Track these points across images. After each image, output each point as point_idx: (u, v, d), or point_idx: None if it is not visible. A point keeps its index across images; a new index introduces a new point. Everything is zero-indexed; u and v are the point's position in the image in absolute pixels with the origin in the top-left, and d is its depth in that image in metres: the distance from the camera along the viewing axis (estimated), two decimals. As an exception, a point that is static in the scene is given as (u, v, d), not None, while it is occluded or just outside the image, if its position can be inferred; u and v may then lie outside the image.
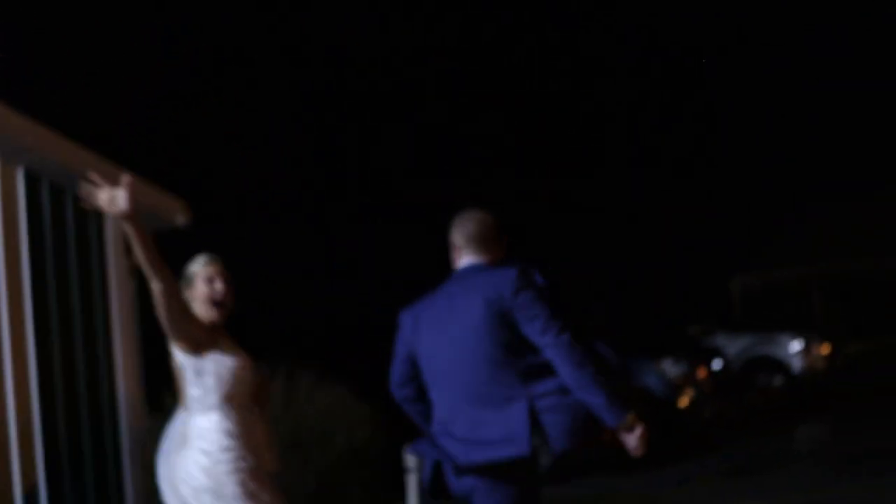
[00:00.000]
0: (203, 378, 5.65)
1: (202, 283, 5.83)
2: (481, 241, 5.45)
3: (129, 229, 5.27)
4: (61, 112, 24.73)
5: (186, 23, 27.51)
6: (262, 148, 24.53)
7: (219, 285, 5.82)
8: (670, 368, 16.28)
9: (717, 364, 18.31)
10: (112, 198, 5.21)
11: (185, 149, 23.07)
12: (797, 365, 19.27)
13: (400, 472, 9.17)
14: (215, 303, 5.81)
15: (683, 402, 16.20)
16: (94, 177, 5.30)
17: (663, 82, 33.03)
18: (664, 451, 14.08)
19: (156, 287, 5.41)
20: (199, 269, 5.86)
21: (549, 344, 5.04)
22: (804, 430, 17.41)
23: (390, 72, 28.89)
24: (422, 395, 5.53)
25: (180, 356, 5.66)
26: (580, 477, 14.00)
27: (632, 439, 5.10)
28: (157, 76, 25.65)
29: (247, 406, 5.78)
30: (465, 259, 5.45)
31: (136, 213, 5.22)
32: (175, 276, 5.63)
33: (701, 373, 17.07)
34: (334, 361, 10.25)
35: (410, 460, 8.80)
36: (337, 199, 25.02)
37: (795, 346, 19.91)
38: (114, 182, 5.26)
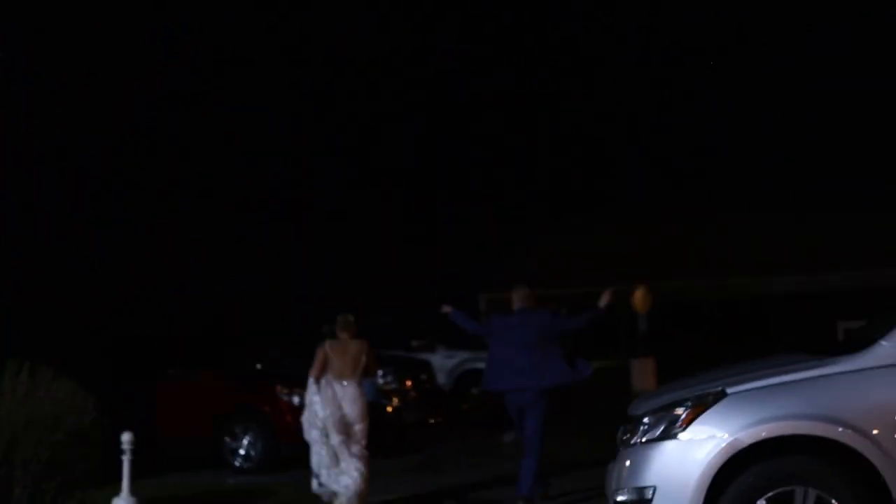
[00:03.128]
0: None
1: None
2: (528, 298, 12.50)
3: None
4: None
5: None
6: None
7: None
8: (380, 378, 18.91)
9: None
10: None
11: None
12: None
13: (118, 452, 12.18)
14: None
15: (390, 408, 18.94)
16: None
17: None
18: (372, 448, 15.88)
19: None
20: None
21: (571, 323, 12.54)
22: (501, 436, 19.13)
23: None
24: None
25: None
26: (287, 468, 15.88)
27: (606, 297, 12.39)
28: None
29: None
30: (519, 304, 12.48)
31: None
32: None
33: (407, 383, 19.96)
34: (69, 360, 12.59)
35: (126, 442, 12.17)
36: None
37: None
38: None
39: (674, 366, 13.27)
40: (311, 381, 12.78)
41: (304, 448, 15.09)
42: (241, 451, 16.78)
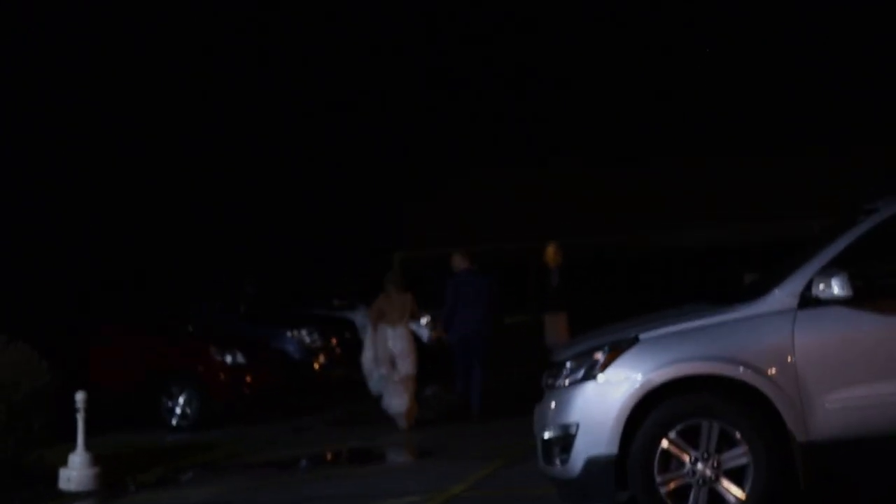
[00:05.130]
0: None
1: None
2: (468, 259, 16.60)
3: None
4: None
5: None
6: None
7: None
8: (307, 337, 20.05)
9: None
10: None
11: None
12: (424, 336, 21.17)
13: (72, 410, 12.79)
14: None
15: (317, 365, 20.03)
16: None
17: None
18: (300, 404, 18.63)
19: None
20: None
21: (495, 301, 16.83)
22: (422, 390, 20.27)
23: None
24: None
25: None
26: (221, 426, 17.28)
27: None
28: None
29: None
30: (464, 265, 16.57)
31: None
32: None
33: (332, 341, 20.60)
34: (23, 328, 13.77)
35: (79, 401, 12.71)
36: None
37: (423, 319, 21.81)
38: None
39: (586, 320, 14.20)
40: (369, 327, 16.33)
41: (237, 405, 17.89)
42: (178, 411, 17.44)
